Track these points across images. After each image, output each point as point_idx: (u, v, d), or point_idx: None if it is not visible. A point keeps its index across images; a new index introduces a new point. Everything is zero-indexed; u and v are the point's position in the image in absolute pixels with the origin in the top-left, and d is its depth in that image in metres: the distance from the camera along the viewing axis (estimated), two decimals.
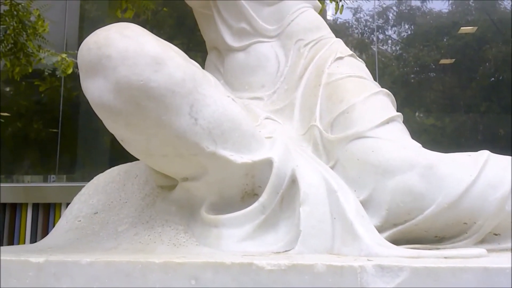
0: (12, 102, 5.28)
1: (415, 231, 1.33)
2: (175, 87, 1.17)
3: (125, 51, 1.15)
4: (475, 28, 5.54)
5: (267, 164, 1.30)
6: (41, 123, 5.24)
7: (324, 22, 1.86)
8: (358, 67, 1.67)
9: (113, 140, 1.30)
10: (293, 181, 1.30)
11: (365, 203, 1.33)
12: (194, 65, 1.32)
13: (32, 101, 5.31)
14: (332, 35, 1.83)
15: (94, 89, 1.18)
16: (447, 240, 1.34)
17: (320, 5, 1.96)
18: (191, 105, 1.20)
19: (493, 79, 5.83)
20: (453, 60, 5.66)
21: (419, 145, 1.42)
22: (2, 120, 4.00)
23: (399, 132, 1.44)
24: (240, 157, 1.28)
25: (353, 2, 5.20)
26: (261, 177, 1.31)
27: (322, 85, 1.55)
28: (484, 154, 1.35)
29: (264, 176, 1.31)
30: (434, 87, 6.04)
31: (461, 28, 5.57)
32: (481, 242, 1.32)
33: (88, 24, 5.53)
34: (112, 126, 1.24)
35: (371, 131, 1.39)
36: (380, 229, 1.29)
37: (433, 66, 5.84)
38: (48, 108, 5.22)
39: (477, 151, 1.36)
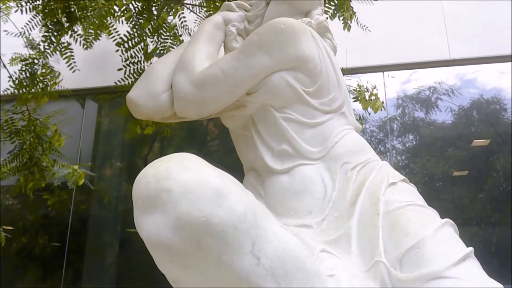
0: (18, 216, 5.16)
1: None
2: (237, 223, 1.08)
3: (186, 184, 1.08)
4: (488, 140, 5.58)
5: None
6: (47, 238, 5.08)
7: (368, 144, 1.80)
8: (412, 193, 1.59)
9: (119, 255, 1.16)
10: None
11: None
12: (251, 195, 1.24)
13: (39, 215, 5.19)
14: (377, 157, 1.77)
15: (150, 226, 1.08)
16: None
17: (361, 126, 1.92)
18: (253, 242, 1.10)
19: (501, 188, 5.78)
20: (466, 172, 5.64)
21: (500, 285, 1.29)
22: (9, 236, 3.85)
23: (477, 271, 1.32)
24: None
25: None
26: None
27: (381, 214, 1.45)
28: None
29: None
30: (443, 198, 5.96)
31: (474, 140, 5.62)
32: None
33: (102, 136, 5.59)
34: (167, 266, 1.12)
35: (449, 270, 1.26)
36: None
37: (440, 176, 5.81)
38: (54, 222, 5.10)
39: (492, 264, 1.24)
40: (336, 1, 3.54)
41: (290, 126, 1.75)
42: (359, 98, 3.59)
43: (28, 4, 3.72)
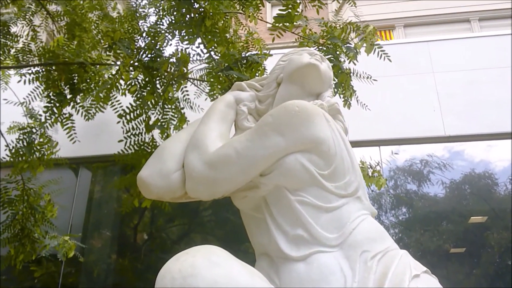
0: None
1: None
2: None
3: (215, 282, 1.02)
4: (485, 217, 5.56)
5: None
6: None
7: (385, 231, 1.76)
8: (436, 285, 1.54)
9: None
10: None
11: None
12: None
13: (24, 287, 4.95)
14: (396, 245, 1.72)
15: None
16: None
17: (376, 211, 1.89)
18: None
19: (496, 264, 5.70)
20: (464, 249, 5.56)
21: None
22: None
23: None
24: None
25: None
26: None
27: None
28: None
29: None
30: (438, 273, 5.84)
31: (472, 217, 5.59)
32: None
33: (94, 205, 5.48)
34: None
35: None
36: None
37: (435, 251, 5.73)
38: None
39: None
40: (336, 79, 3.60)
41: (305, 210, 1.70)
42: (362, 175, 3.57)
43: (32, 75, 3.73)
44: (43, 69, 3.77)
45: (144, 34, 3.62)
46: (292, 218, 1.71)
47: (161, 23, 3.57)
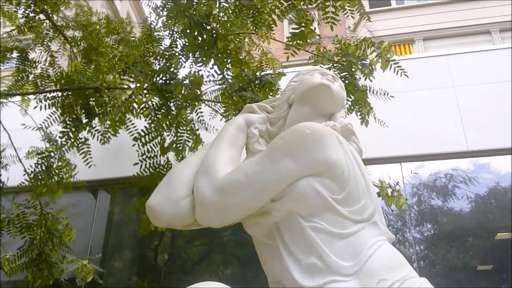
0: None
1: None
2: None
3: None
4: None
5: None
6: None
7: (404, 258, 1.68)
8: None
9: None
10: None
11: None
12: None
13: None
14: (415, 273, 1.64)
15: None
16: None
17: (394, 236, 1.81)
18: None
19: None
20: (491, 266, 5.40)
21: None
22: None
23: None
24: None
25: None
26: None
27: None
28: None
29: None
30: None
31: (498, 234, 5.43)
32: None
33: (114, 226, 5.49)
34: None
35: None
36: None
37: (461, 267, 5.57)
38: None
39: None
40: (352, 97, 3.54)
41: (319, 237, 1.63)
42: (381, 194, 3.49)
43: (48, 100, 3.76)
44: (60, 95, 3.80)
45: (158, 57, 3.63)
46: (305, 245, 1.65)
47: (175, 45, 3.57)
